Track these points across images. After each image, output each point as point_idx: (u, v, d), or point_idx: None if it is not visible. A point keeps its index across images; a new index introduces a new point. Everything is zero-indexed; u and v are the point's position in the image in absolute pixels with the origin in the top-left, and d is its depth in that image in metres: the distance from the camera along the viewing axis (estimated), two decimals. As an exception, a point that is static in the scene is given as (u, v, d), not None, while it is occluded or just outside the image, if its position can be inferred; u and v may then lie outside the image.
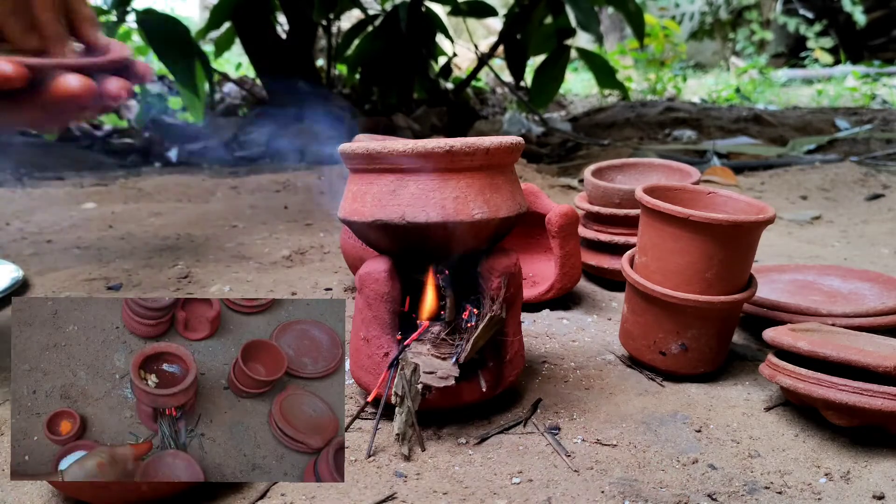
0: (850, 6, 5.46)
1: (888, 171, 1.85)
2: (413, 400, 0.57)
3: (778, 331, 0.66)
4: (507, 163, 0.62)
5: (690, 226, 0.66)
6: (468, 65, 4.10)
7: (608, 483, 0.54)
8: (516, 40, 2.64)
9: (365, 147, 0.59)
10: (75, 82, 0.60)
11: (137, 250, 1.20)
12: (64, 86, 0.60)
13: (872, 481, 0.55)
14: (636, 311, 0.73)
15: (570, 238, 0.89)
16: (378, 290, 0.61)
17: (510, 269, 0.63)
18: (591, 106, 3.91)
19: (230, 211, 1.50)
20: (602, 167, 1.07)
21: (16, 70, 0.58)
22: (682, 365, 0.71)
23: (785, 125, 2.85)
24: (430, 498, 0.52)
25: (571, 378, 0.72)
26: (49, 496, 0.52)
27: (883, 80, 4.60)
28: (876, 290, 0.86)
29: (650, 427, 0.62)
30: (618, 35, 6.13)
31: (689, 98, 4.34)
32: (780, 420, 0.64)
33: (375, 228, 0.60)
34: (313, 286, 1.01)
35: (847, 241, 1.30)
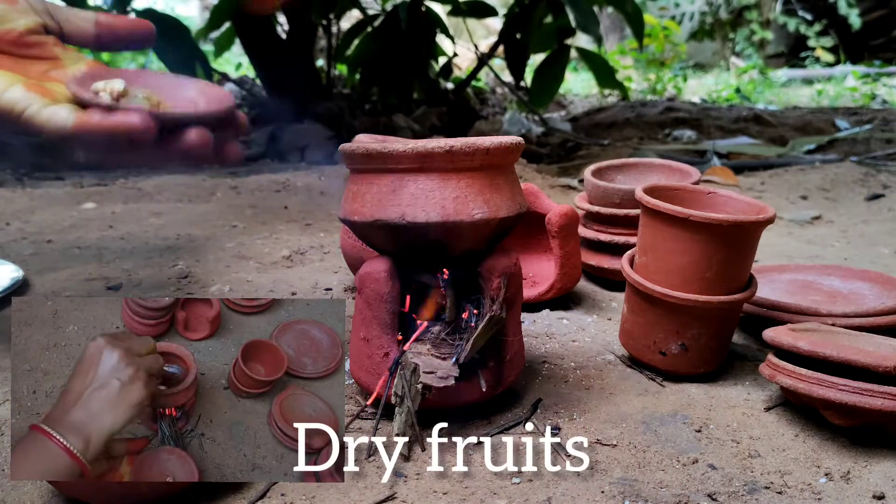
0: (845, 9, 5.45)
1: (888, 171, 1.85)
2: (413, 400, 0.57)
3: (778, 331, 0.66)
4: (507, 163, 0.62)
5: (690, 226, 0.66)
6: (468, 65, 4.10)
7: (608, 483, 0.54)
8: (516, 40, 2.64)
9: (365, 147, 0.59)
10: (197, 137, 0.63)
11: (137, 250, 1.20)
12: (189, 140, 0.63)
13: (872, 481, 0.55)
14: (636, 311, 0.73)
15: (570, 238, 0.89)
16: (378, 290, 0.61)
17: (510, 269, 0.63)
18: (591, 106, 3.91)
19: (230, 211, 1.50)
20: (602, 167, 1.07)
21: (144, 122, 0.60)
22: (682, 365, 0.71)
23: (785, 125, 2.85)
24: (430, 498, 0.52)
25: (571, 378, 0.72)
26: (49, 496, 0.52)
27: (883, 80, 4.59)
28: (876, 290, 0.86)
29: (650, 427, 0.62)
30: (618, 35, 6.13)
31: (689, 98, 4.33)
32: (780, 420, 0.64)
33: (375, 228, 0.60)
34: (313, 286, 1.01)
35: (847, 241, 1.30)
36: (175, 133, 0.63)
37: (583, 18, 2.35)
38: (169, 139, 0.62)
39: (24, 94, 0.61)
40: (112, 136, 0.60)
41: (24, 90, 0.62)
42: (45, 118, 0.61)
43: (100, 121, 0.60)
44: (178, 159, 0.65)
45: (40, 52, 0.66)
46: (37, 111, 0.61)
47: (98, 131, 0.60)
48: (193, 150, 0.63)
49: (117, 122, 0.59)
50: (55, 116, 0.61)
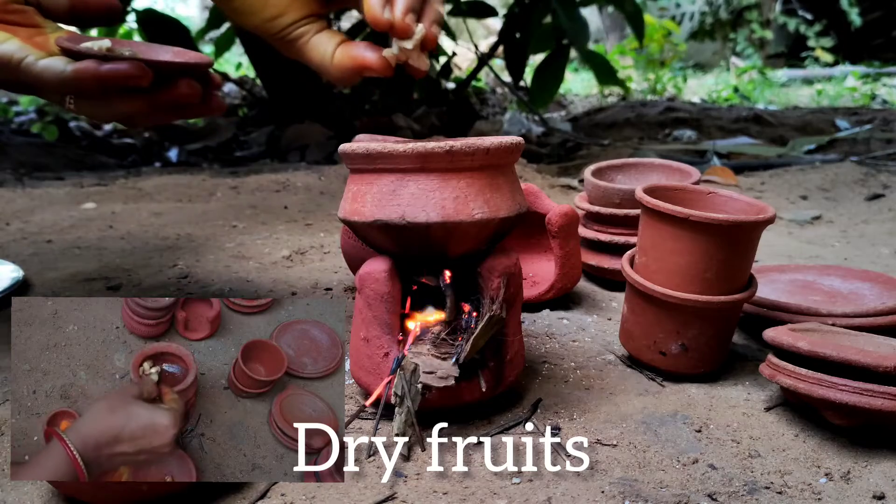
0: (846, 6, 5.45)
1: (888, 171, 1.85)
2: (413, 400, 0.57)
3: (778, 331, 0.66)
4: (507, 163, 0.62)
5: (690, 226, 0.66)
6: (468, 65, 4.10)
7: (608, 483, 0.54)
8: (516, 40, 2.64)
9: (365, 147, 0.59)
10: (188, 87, 0.64)
11: (137, 250, 1.20)
12: (181, 90, 0.64)
13: (872, 481, 0.55)
14: (636, 311, 0.73)
15: (570, 238, 0.89)
16: (378, 290, 0.61)
17: (510, 269, 0.63)
18: (591, 106, 3.91)
19: (230, 211, 1.50)
20: (602, 167, 1.07)
21: (141, 70, 0.61)
22: (682, 365, 0.71)
23: (785, 125, 2.85)
24: (430, 498, 0.52)
25: (571, 378, 0.72)
26: (49, 496, 0.52)
27: (883, 80, 4.59)
28: (876, 290, 0.86)
29: (650, 427, 0.62)
30: (618, 35, 6.13)
31: (689, 98, 4.33)
32: (780, 420, 0.64)
33: (375, 228, 0.60)
34: (313, 286, 1.01)
35: (847, 241, 1.30)
36: (166, 84, 0.64)
37: (573, 30, 2.34)
38: (161, 90, 0.64)
39: (20, 46, 0.63)
40: (109, 82, 0.61)
41: (20, 43, 0.63)
42: (42, 67, 0.62)
43: (97, 67, 0.61)
44: (168, 110, 0.67)
45: (22, 20, 0.67)
46: (34, 61, 0.62)
47: (96, 77, 0.61)
48: (184, 98, 0.65)
49: (114, 67, 0.61)
50: (53, 65, 0.62)
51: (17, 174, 1.96)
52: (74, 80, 0.61)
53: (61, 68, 0.62)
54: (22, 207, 1.51)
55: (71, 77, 0.61)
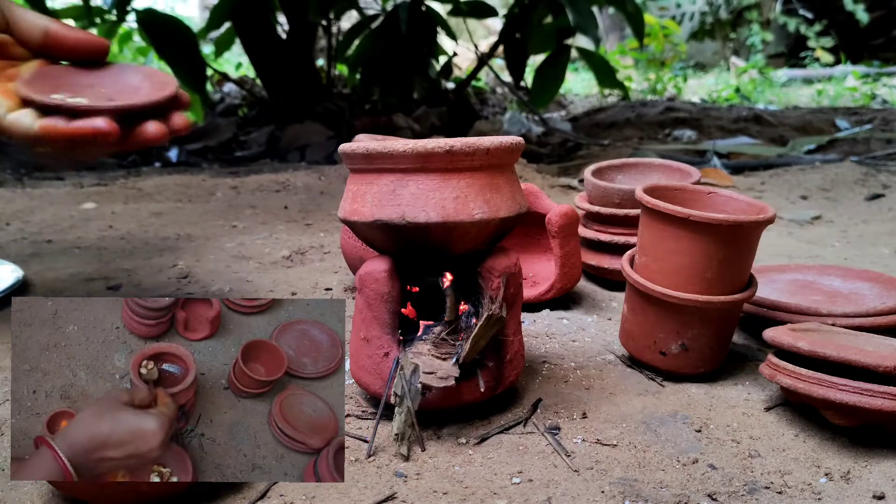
0: (851, 5, 5.45)
1: (888, 171, 1.85)
2: (413, 400, 0.57)
3: (778, 331, 0.66)
4: (507, 163, 0.62)
5: (690, 226, 0.66)
6: (468, 65, 4.10)
7: (608, 483, 0.54)
8: (516, 40, 2.64)
9: (365, 147, 0.59)
10: (155, 129, 0.65)
11: (137, 250, 1.20)
12: (149, 133, 0.65)
13: (872, 481, 0.55)
14: (636, 311, 0.73)
15: (570, 238, 0.89)
16: (378, 290, 0.61)
17: (510, 269, 0.63)
18: (591, 106, 3.91)
19: (230, 211, 1.50)
20: (602, 167, 1.07)
21: (110, 127, 0.62)
22: (682, 365, 0.71)
23: (785, 125, 2.85)
24: (430, 498, 0.52)
25: (571, 378, 0.72)
26: (49, 496, 0.52)
27: (883, 80, 4.59)
28: (876, 290, 0.86)
29: (650, 427, 0.62)
30: (618, 35, 6.13)
31: (689, 98, 4.33)
32: (780, 420, 0.64)
33: (375, 228, 0.60)
34: (313, 286, 1.01)
35: (847, 241, 1.30)
36: (134, 125, 0.65)
37: (582, 19, 2.35)
38: (128, 134, 0.64)
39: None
40: (76, 139, 0.62)
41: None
42: (10, 121, 0.63)
43: (65, 125, 0.61)
44: (133, 146, 0.67)
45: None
46: (2, 114, 0.63)
47: (63, 136, 0.61)
48: (150, 141, 0.66)
49: (81, 126, 0.61)
50: (20, 120, 0.63)
51: (17, 174, 1.96)
52: (42, 137, 0.62)
53: (28, 124, 0.62)
54: (22, 207, 1.51)
55: (39, 135, 0.62)
